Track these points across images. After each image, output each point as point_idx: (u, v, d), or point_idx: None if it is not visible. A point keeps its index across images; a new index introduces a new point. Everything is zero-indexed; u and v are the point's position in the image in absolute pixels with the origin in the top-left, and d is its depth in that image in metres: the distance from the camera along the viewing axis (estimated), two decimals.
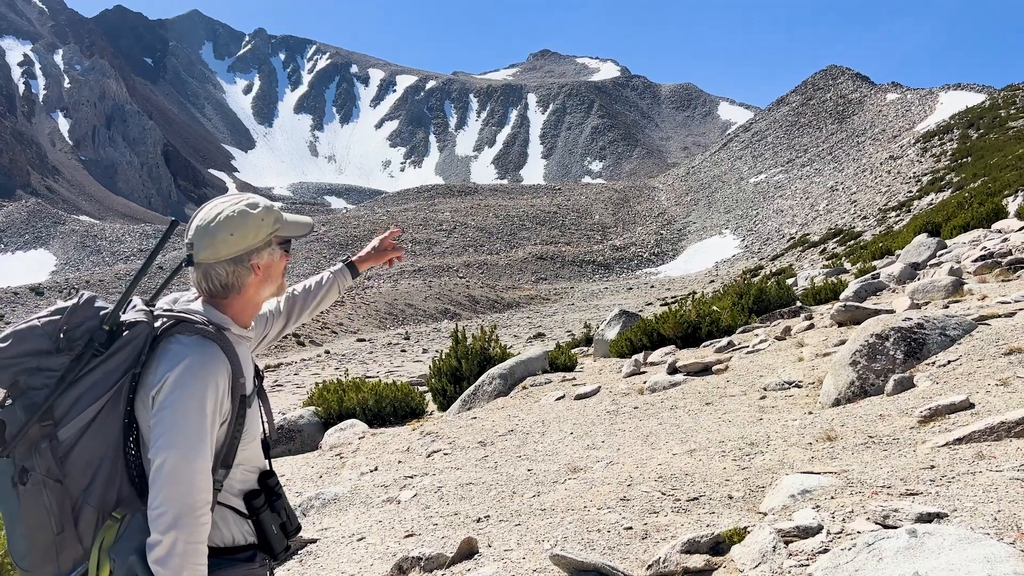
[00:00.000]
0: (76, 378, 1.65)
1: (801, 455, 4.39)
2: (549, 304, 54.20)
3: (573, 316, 42.58)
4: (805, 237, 53.37)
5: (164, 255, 65.80)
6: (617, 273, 71.19)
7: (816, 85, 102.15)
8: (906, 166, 55.83)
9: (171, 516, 1.61)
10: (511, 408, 8.43)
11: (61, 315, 1.69)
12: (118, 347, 1.68)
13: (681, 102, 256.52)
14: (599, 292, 58.45)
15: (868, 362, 5.53)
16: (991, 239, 13.24)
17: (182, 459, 1.63)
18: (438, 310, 50.43)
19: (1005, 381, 4.62)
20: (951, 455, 3.66)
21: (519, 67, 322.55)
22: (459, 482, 5.46)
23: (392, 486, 5.90)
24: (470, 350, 10.66)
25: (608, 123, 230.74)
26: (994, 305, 6.80)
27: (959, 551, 2.32)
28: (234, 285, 1.84)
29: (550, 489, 4.76)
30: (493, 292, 58.21)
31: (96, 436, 1.66)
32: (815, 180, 71.40)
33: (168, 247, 69.94)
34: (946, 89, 78.58)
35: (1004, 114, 54.79)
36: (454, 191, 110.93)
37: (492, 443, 6.77)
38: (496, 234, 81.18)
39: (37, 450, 1.62)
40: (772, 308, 12.25)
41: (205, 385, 1.68)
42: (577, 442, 6.07)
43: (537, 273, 68.98)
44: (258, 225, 1.85)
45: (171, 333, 1.73)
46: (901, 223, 37.44)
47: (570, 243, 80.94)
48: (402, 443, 8.06)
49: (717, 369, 7.83)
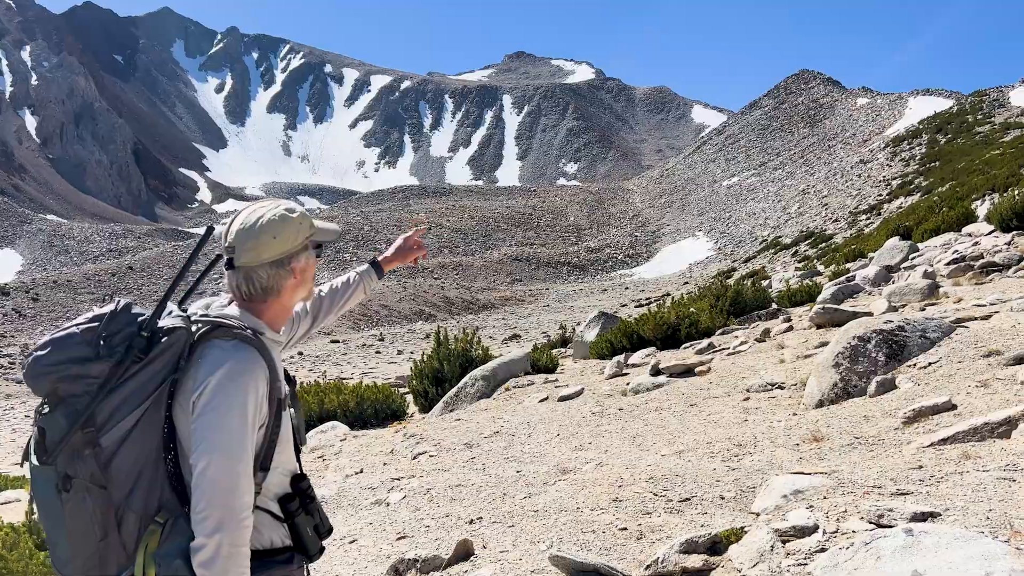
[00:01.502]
0: (117, 385, 1.65)
1: (789, 456, 4.46)
2: (524, 305, 54.25)
3: (548, 317, 42.65)
4: (777, 240, 53.95)
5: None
6: (592, 275, 71.44)
7: (788, 89, 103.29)
8: (876, 170, 56.65)
9: (215, 519, 1.62)
10: (495, 410, 8.44)
11: (100, 322, 1.69)
12: (157, 353, 1.69)
13: (655, 105, 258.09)
14: (574, 293, 58.60)
15: (851, 364, 5.63)
16: (962, 242, 13.50)
17: (225, 463, 1.65)
18: (413, 311, 50.27)
19: (985, 383, 4.72)
20: (937, 455, 3.74)
21: (494, 68, 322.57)
22: (448, 484, 5.47)
23: (379, 488, 5.89)
24: (452, 352, 10.66)
25: (583, 125, 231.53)
26: (970, 308, 6.95)
27: (956, 549, 2.38)
28: (273, 288, 1.87)
29: (541, 490, 4.79)
30: (468, 293, 58.16)
31: (138, 442, 1.67)
32: (787, 183, 72.20)
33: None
34: (915, 94, 79.83)
35: (971, 119, 55.82)
36: (429, 192, 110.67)
37: (478, 445, 6.79)
38: (471, 235, 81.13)
39: (80, 457, 1.62)
40: (749, 310, 12.36)
41: (246, 389, 1.69)
42: (564, 443, 6.11)
43: (512, 274, 69.04)
44: (297, 229, 1.88)
45: (209, 338, 1.74)
46: (871, 226, 38.00)
47: (545, 244, 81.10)
48: (385, 445, 8.04)
49: (699, 371, 7.91)
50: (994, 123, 51.60)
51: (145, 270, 59.03)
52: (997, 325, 5.88)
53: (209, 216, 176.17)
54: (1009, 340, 5.36)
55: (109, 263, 64.16)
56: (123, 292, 53.38)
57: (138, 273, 58.02)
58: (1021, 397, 4.23)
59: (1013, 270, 8.92)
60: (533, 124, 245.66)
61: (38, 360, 1.66)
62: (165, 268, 59.77)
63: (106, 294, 51.90)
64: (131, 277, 57.02)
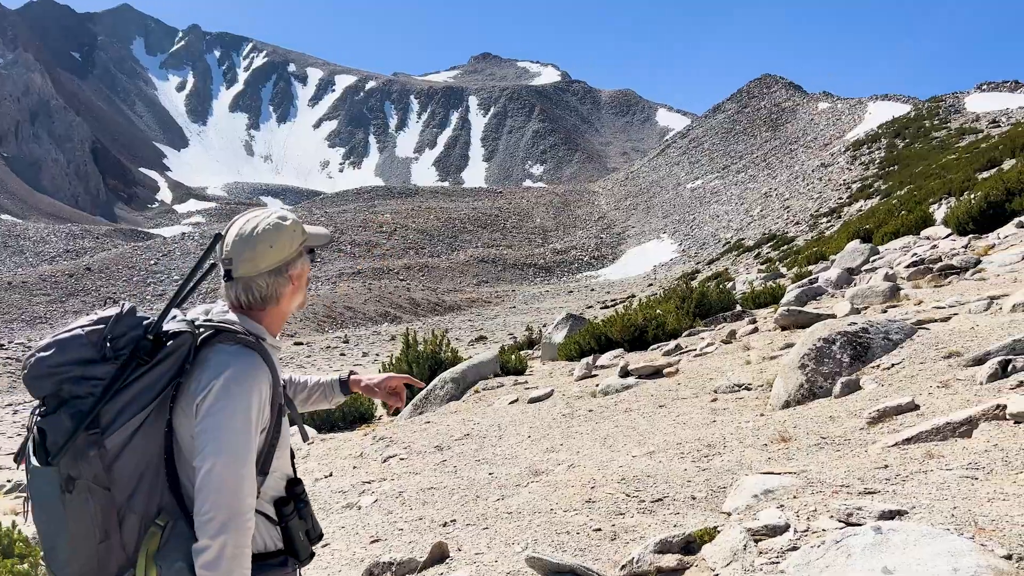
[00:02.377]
0: (122, 387, 1.66)
1: (758, 456, 4.54)
2: (491, 307, 54.24)
3: (515, 319, 42.71)
4: (740, 242, 54.60)
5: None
6: (558, 276, 71.66)
7: (751, 93, 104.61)
8: (837, 173, 57.62)
9: (219, 521, 1.64)
10: (465, 412, 8.45)
11: (105, 324, 1.71)
12: (163, 356, 1.70)
13: (620, 108, 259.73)
14: (540, 295, 58.74)
15: (816, 365, 5.73)
16: (921, 245, 13.81)
17: (230, 465, 1.67)
18: (378, 313, 49.96)
19: (946, 383, 4.85)
20: (902, 455, 3.83)
21: (460, 69, 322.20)
22: (420, 487, 5.47)
23: (350, 492, 5.87)
24: (421, 354, 10.64)
25: (549, 127, 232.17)
26: (930, 310, 7.11)
27: (924, 546, 2.45)
28: (272, 296, 1.89)
29: (514, 492, 4.81)
30: (434, 295, 57.97)
31: (141, 444, 1.68)
32: (750, 186, 73.13)
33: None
34: (874, 99, 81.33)
35: (928, 124, 57.02)
36: (394, 193, 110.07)
37: (449, 447, 6.79)
38: (437, 237, 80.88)
39: (84, 458, 1.63)
40: (714, 312, 12.52)
41: (250, 393, 1.71)
42: (535, 445, 6.14)
43: (479, 276, 68.97)
44: (292, 236, 1.91)
45: (213, 342, 1.76)
46: (832, 229, 38.65)
47: (511, 246, 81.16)
48: (354, 448, 8.02)
49: (668, 372, 7.99)
50: (950, 128, 52.78)
51: (103, 271, 57.87)
52: (957, 327, 6.04)
53: (170, 216, 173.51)
54: (968, 341, 5.50)
55: (66, 264, 62.78)
56: (80, 294, 52.31)
57: (96, 274, 56.87)
58: (981, 397, 4.35)
59: (970, 273, 9.16)
60: (499, 126, 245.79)
61: (41, 361, 1.66)
62: (124, 269, 58.68)
63: (63, 296, 50.83)
64: (89, 278, 55.85)
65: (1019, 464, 3.25)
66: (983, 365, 4.79)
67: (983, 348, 5.11)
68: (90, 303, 50.05)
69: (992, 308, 6.54)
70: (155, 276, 57.25)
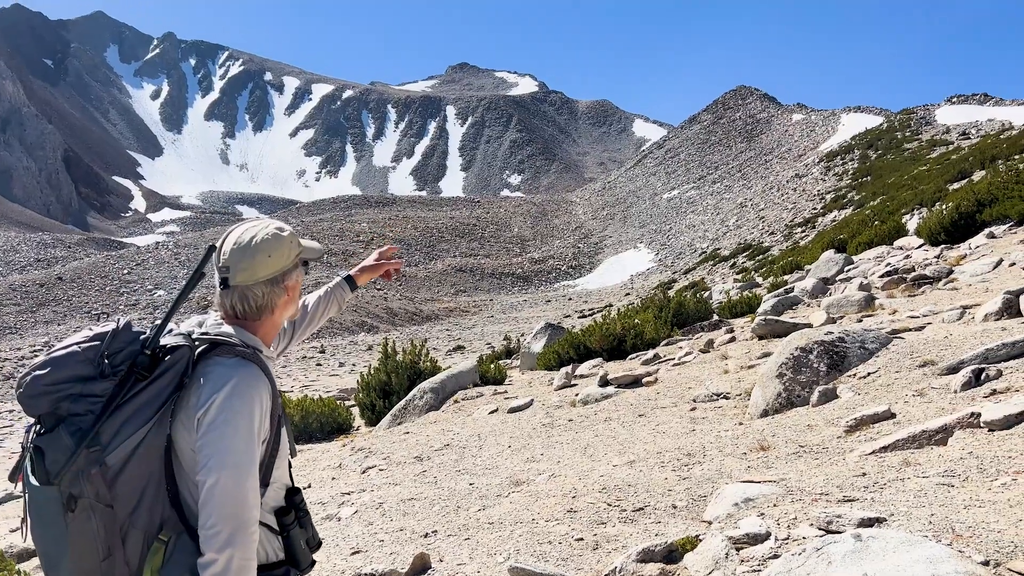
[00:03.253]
0: (121, 403, 1.65)
1: (737, 464, 4.57)
2: (469, 316, 54.19)
3: (493, 328, 42.68)
4: (716, 251, 55.01)
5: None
6: (536, 286, 71.76)
7: (726, 104, 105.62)
8: (811, 184, 58.28)
9: (226, 534, 1.64)
10: (444, 422, 8.43)
11: (102, 340, 1.70)
12: (162, 371, 1.70)
13: (597, 118, 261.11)
14: (518, 304, 58.76)
15: (794, 374, 5.79)
16: (894, 255, 14.00)
17: (234, 478, 1.66)
18: (355, 323, 49.68)
19: (921, 392, 4.92)
20: (879, 462, 3.88)
21: (438, 79, 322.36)
22: (400, 498, 5.44)
23: (330, 503, 5.83)
24: (400, 364, 10.60)
25: (526, 137, 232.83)
26: (905, 319, 7.22)
27: (902, 553, 2.48)
28: (267, 306, 1.90)
29: (495, 503, 4.80)
30: (412, 304, 57.80)
31: (143, 459, 1.67)
32: (725, 196, 73.77)
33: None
34: (847, 111, 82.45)
35: (900, 136, 57.91)
36: (372, 202, 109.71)
37: (429, 458, 6.77)
38: (415, 246, 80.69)
39: (86, 476, 1.61)
40: (691, 321, 12.59)
41: (251, 405, 1.72)
42: (516, 455, 6.14)
43: (456, 285, 68.88)
44: (289, 247, 1.92)
45: (211, 356, 1.76)
46: (807, 239, 39.05)
47: (489, 255, 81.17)
48: (333, 459, 7.96)
49: (647, 381, 8.03)
50: (921, 140, 53.64)
51: (75, 280, 57.02)
52: (931, 336, 6.13)
53: (143, 225, 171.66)
54: (942, 350, 5.58)
55: (36, 273, 61.81)
56: (52, 304, 51.52)
57: (68, 284, 56.03)
58: (955, 406, 4.42)
59: (943, 282, 9.30)
60: (477, 135, 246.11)
61: (37, 379, 1.64)
62: (96, 279, 57.88)
63: (33, 306, 50.04)
64: (60, 288, 55.01)
65: (994, 471, 3.30)
66: (957, 374, 4.87)
67: (957, 357, 5.20)
68: (61, 313, 49.33)
69: (965, 317, 6.65)
70: (128, 285, 56.54)
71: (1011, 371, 4.67)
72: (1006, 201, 13.10)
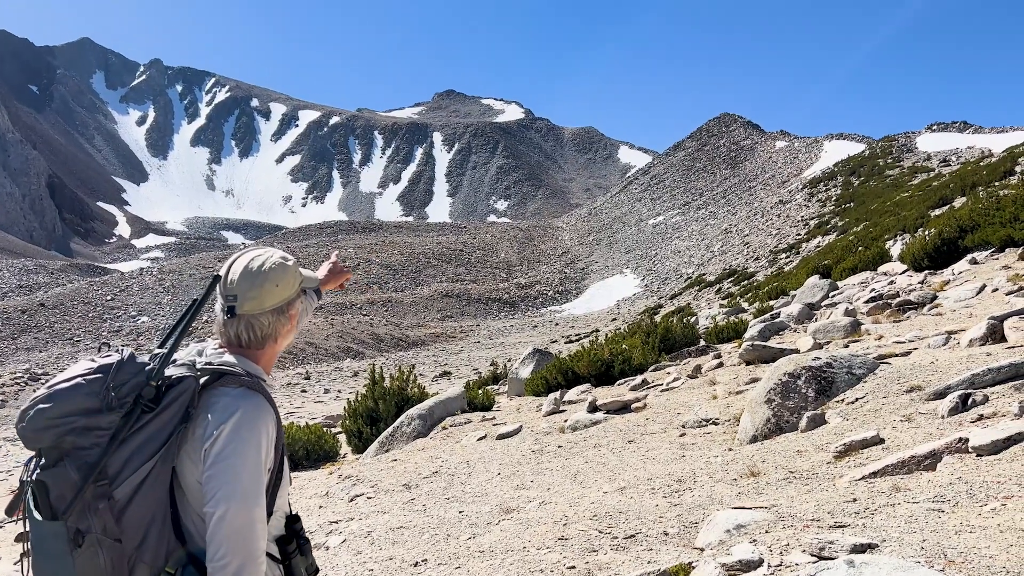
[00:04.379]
0: (128, 436, 1.64)
1: (728, 491, 4.56)
2: (455, 342, 54.05)
3: (479, 354, 42.58)
4: (702, 277, 55.28)
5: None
6: (523, 311, 71.77)
7: (710, 132, 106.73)
8: (794, 210, 58.81)
9: (235, 566, 1.63)
10: (432, 449, 8.38)
11: (106, 372, 1.67)
12: (167, 403, 1.68)
13: (583, 145, 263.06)
14: (505, 330, 58.71)
15: (782, 400, 5.81)
16: (879, 281, 14.12)
17: (243, 509, 1.65)
18: (340, 349, 49.44)
19: (909, 417, 4.94)
20: (869, 488, 3.89)
21: (424, 106, 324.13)
22: (389, 526, 5.39)
23: (318, 532, 5.77)
24: (387, 391, 10.55)
25: (513, 163, 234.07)
26: (891, 344, 7.27)
27: None
28: (271, 335, 1.90)
29: (485, 531, 4.77)
30: (398, 330, 57.61)
31: (150, 492, 1.66)
32: (710, 222, 74.28)
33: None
34: (830, 138, 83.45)
35: (882, 163, 58.66)
36: (358, 227, 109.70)
37: (417, 485, 6.72)
38: (401, 271, 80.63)
39: (94, 510, 1.59)
40: (679, 346, 12.62)
41: (259, 436, 1.71)
42: (505, 482, 6.10)
43: (443, 311, 68.77)
44: (294, 276, 1.94)
45: (216, 386, 1.75)
46: (791, 264, 39.34)
47: (476, 281, 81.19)
48: (320, 487, 7.89)
49: (635, 407, 8.03)
50: (903, 167, 54.34)
51: (58, 307, 56.51)
52: (917, 361, 6.17)
53: (127, 251, 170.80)
54: (929, 376, 5.62)
55: (18, 300, 61.23)
56: (34, 330, 51.00)
57: (50, 310, 55.52)
58: (943, 431, 4.44)
59: (927, 308, 9.38)
60: (463, 161, 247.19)
61: (41, 412, 1.61)
62: (80, 305, 57.40)
63: (15, 332, 49.50)
64: (42, 314, 54.50)
65: (983, 497, 3.31)
66: (944, 399, 4.90)
67: (943, 382, 5.23)
68: (43, 339, 48.84)
69: (950, 343, 6.70)
70: (111, 312, 56.10)
71: (997, 396, 4.71)
72: (987, 227, 13.27)
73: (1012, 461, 3.65)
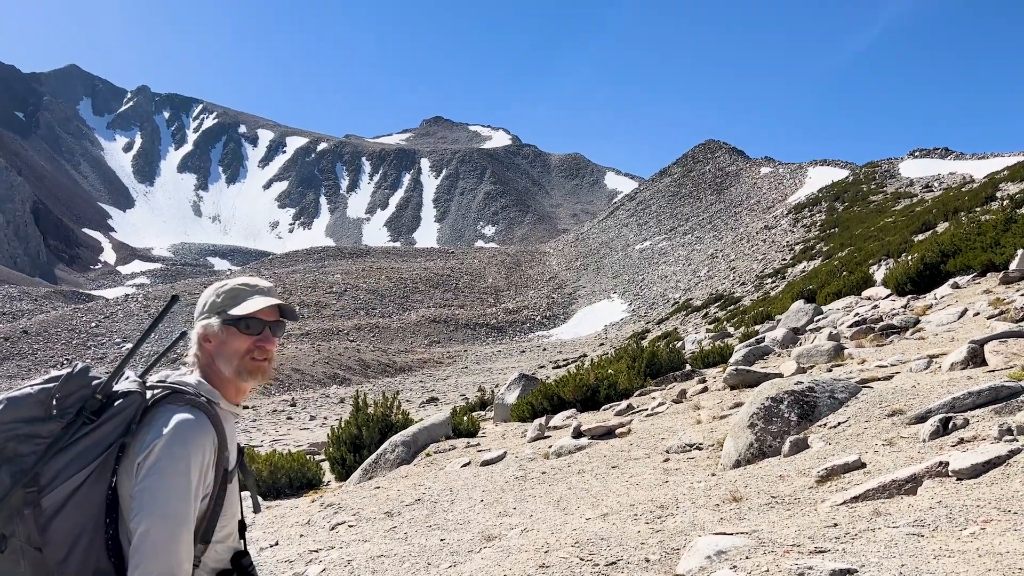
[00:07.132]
0: (65, 445, 1.63)
1: (710, 516, 4.54)
2: (442, 368, 53.88)
3: (467, 380, 42.45)
4: (688, 302, 55.46)
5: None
6: (510, 336, 71.73)
7: (696, 158, 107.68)
8: (780, 235, 59.26)
9: None
10: (416, 476, 8.30)
11: (55, 383, 1.68)
12: (109, 416, 1.67)
13: (570, 171, 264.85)
14: (493, 355, 58.60)
15: (765, 424, 5.80)
16: (863, 305, 14.20)
17: (167, 528, 1.61)
18: (327, 375, 49.18)
19: (891, 441, 4.94)
20: (850, 513, 3.87)
21: (412, 132, 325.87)
22: (369, 555, 5.32)
23: (297, 561, 5.69)
24: (371, 417, 10.47)
25: (500, 189, 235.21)
26: (873, 369, 7.29)
27: None
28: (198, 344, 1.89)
29: (466, 559, 4.72)
30: (385, 356, 57.40)
31: (80, 505, 1.63)
32: (696, 248, 74.72)
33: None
34: (814, 164, 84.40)
35: (866, 188, 59.31)
36: (345, 253, 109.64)
37: (399, 513, 6.65)
38: (388, 297, 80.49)
39: (19, 516, 1.59)
40: (664, 371, 12.61)
41: (191, 453, 1.67)
42: (488, 509, 6.05)
43: (430, 336, 68.61)
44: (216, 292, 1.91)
45: (161, 403, 1.73)
46: (777, 289, 39.54)
47: (463, 306, 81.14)
48: (301, 515, 7.79)
49: (620, 432, 8.00)
50: (886, 193, 54.96)
51: (42, 334, 56.05)
52: (899, 385, 6.18)
53: (113, 278, 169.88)
54: (911, 400, 5.63)
55: (1, 327, 60.65)
56: (17, 357, 50.51)
57: (34, 337, 55.05)
58: (924, 455, 4.44)
59: (910, 332, 9.42)
60: (451, 187, 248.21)
61: None
62: (64, 332, 56.94)
63: None
64: (26, 341, 54.03)
65: (963, 520, 3.31)
66: (925, 423, 4.90)
67: (925, 406, 5.24)
68: (26, 367, 48.35)
69: (932, 367, 6.73)
70: (96, 339, 55.66)
71: (977, 420, 4.72)
72: (969, 252, 13.39)
73: (991, 485, 3.65)
